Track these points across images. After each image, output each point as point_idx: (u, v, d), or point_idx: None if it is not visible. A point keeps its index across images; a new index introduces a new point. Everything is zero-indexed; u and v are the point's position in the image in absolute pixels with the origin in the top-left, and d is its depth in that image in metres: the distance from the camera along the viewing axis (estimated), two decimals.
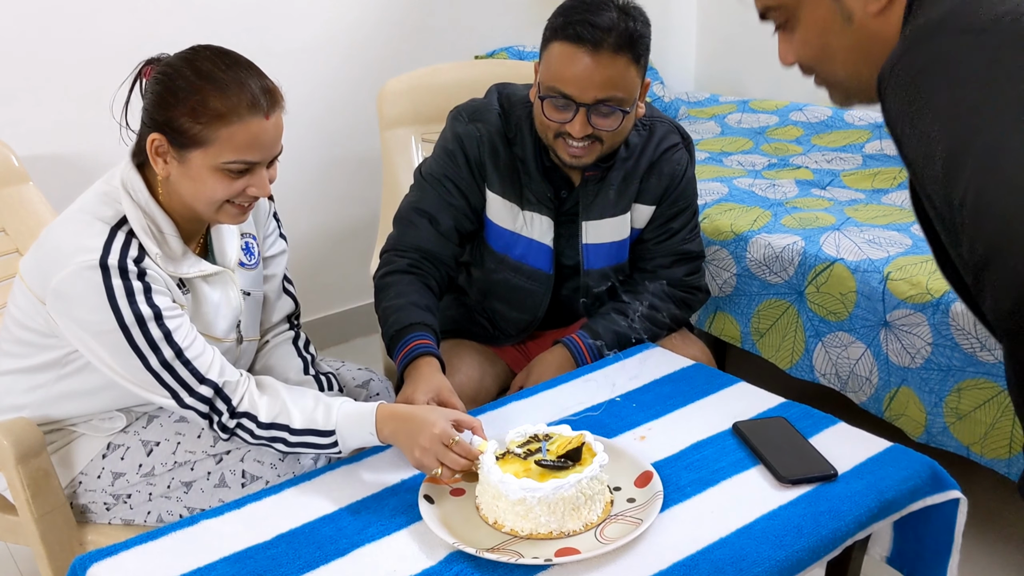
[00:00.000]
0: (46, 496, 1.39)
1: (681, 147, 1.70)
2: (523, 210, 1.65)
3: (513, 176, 1.63)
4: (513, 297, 1.72)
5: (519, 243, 1.67)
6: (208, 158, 1.30)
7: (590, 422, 1.39)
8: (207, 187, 1.32)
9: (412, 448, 1.24)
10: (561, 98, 1.49)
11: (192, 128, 1.28)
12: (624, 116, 1.52)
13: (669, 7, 3.52)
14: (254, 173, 1.34)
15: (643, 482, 1.21)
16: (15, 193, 1.81)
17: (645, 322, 1.67)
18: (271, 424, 1.35)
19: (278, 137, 1.35)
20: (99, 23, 2.28)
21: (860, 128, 2.88)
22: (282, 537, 1.15)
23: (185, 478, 1.42)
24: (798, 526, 1.14)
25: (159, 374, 1.32)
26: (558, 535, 1.12)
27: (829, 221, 2.23)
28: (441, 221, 1.63)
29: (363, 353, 2.87)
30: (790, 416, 1.38)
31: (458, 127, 1.65)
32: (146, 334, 1.30)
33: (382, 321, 1.55)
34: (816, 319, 2.08)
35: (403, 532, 1.15)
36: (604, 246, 1.69)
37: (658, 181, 1.67)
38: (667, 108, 3.24)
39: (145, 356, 1.30)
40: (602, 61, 1.45)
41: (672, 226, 1.71)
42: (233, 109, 1.28)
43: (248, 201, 1.37)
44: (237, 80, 1.29)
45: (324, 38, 2.75)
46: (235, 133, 1.28)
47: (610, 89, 1.47)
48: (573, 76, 1.46)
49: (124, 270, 1.28)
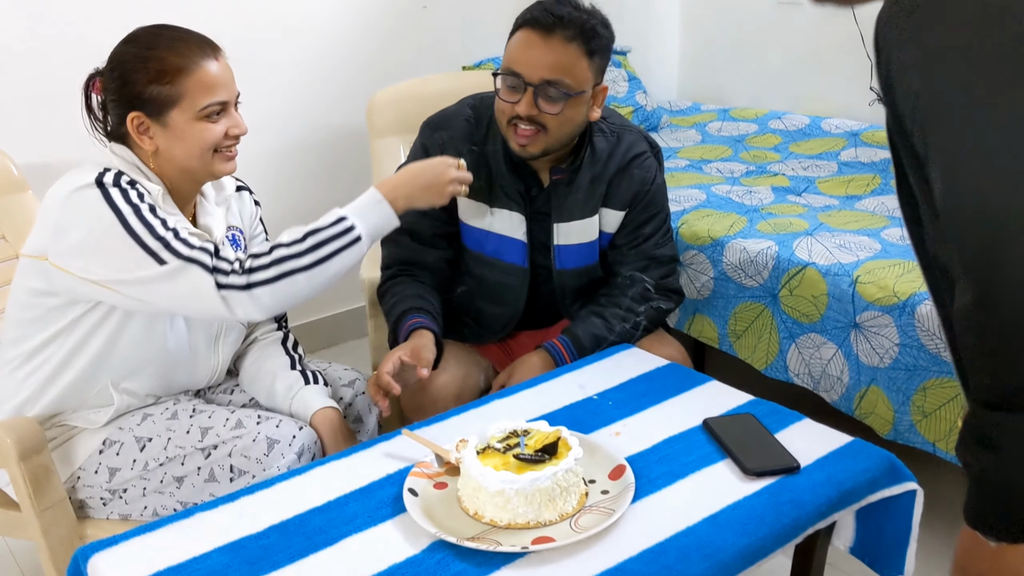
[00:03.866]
0: (47, 492, 1.44)
1: (650, 155, 1.78)
2: (492, 207, 1.73)
3: (480, 176, 1.70)
4: (492, 293, 1.79)
5: (490, 239, 1.75)
6: (185, 112, 1.43)
7: (568, 419, 1.45)
8: (195, 138, 1.44)
9: (431, 188, 1.49)
10: (512, 76, 1.59)
11: (162, 91, 1.41)
12: (569, 101, 1.59)
13: (652, 16, 3.59)
14: (228, 114, 1.48)
15: (616, 475, 1.28)
16: (15, 201, 1.86)
17: (623, 324, 1.74)
18: (272, 251, 1.39)
19: (232, 76, 1.49)
20: (98, 33, 2.32)
21: (836, 136, 2.96)
22: (274, 528, 1.20)
23: (177, 473, 1.48)
24: (761, 515, 1.21)
25: (153, 250, 1.36)
26: (535, 525, 1.18)
27: (803, 227, 2.30)
28: (420, 231, 1.74)
29: (353, 356, 2.93)
30: (758, 413, 1.45)
31: (424, 138, 1.75)
32: (142, 219, 1.37)
33: (388, 320, 1.72)
34: (790, 321, 2.15)
35: (388, 523, 1.21)
36: (574, 247, 1.76)
37: (628, 187, 1.75)
38: (649, 116, 3.31)
39: (140, 237, 1.36)
40: (553, 45, 1.56)
41: (644, 231, 1.78)
42: (190, 58, 1.42)
43: (232, 144, 1.49)
44: (178, 37, 1.44)
45: (314, 49, 2.81)
46: (200, 79, 1.42)
47: (558, 72, 1.56)
48: (525, 57, 1.57)
49: (118, 182, 1.39)
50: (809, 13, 3.21)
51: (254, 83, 2.68)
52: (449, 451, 1.31)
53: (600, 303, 1.77)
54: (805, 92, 3.28)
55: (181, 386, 1.62)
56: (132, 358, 1.51)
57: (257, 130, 2.70)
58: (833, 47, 3.16)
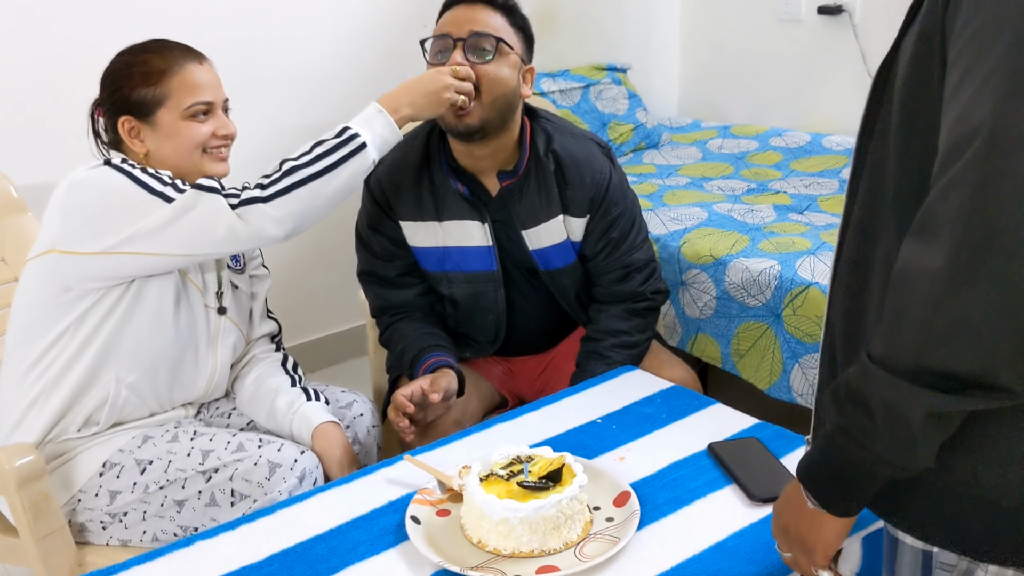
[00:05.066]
0: (46, 519, 1.43)
1: (599, 155, 1.73)
2: (441, 221, 1.69)
3: (424, 194, 1.69)
4: (469, 307, 1.76)
5: (448, 254, 1.72)
6: (172, 111, 1.49)
7: (571, 444, 1.44)
8: (184, 136, 1.50)
9: (430, 95, 1.51)
10: (440, 40, 1.61)
11: (148, 93, 1.49)
12: (499, 55, 1.59)
13: (652, 34, 3.60)
14: (215, 115, 1.54)
15: (621, 501, 1.27)
16: (14, 223, 1.85)
17: (621, 352, 1.71)
18: (280, 165, 1.46)
19: (219, 82, 1.55)
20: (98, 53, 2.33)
21: (837, 153, 2.96)
22: (275, 557, 1.19)
23: (177, 496, 1.47)
24: (768, 543, 1.19)
25: (163, 192, 1.43)
26: (539, 553, 1.17)
27: (805, 246, 2.29)
28: (385, 276, 1.75)
29: (353, 375, 2.92)
30: (763, 437, 1.44)
31: (367, 178, 1.67)
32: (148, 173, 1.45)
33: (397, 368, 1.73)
34: (793, 341, 2.14)
35: (391, 551, 1.20)
36: (549, 249, 1.72)
37: (582, 191, 1.69)
38: (650, 134, 3.31)
39: (149, 184, 1.43)
40: (476, 7, 1.60)
41: (612, 236, 1.72)
42: (174, 60, 1.50)
43: (221, 144, 1.54)
44: (161, 44, 1.53)
45: (314, 64, 2.82)
46: (184, 79, 1.50)
47: (484, 27, 1.59)
48: (451, 18, 1.61)
49: (125, 164, 1.46)
50: (809, 30, 3.22)
51: (254, 97, 2.68)
52: (452, 477, 1.30)
53: (593, 337, 1.74)
54: (806, 109, 3.29)
55: (180, 392, 1.60)
56: (138, 351, 1.51)
57: (257, 142, 2.71)
58: (833, 64, 3.16)
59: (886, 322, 0.79)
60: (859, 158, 0.95)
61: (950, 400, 0.75)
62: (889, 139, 0.88)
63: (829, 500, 0.89)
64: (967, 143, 0.71)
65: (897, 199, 0.86)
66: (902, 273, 0.77)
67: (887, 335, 0.79)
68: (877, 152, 0.91)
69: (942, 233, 0.72)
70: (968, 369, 0.73)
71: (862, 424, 0.81)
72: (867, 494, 0.87)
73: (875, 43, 3.01)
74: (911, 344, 0.76)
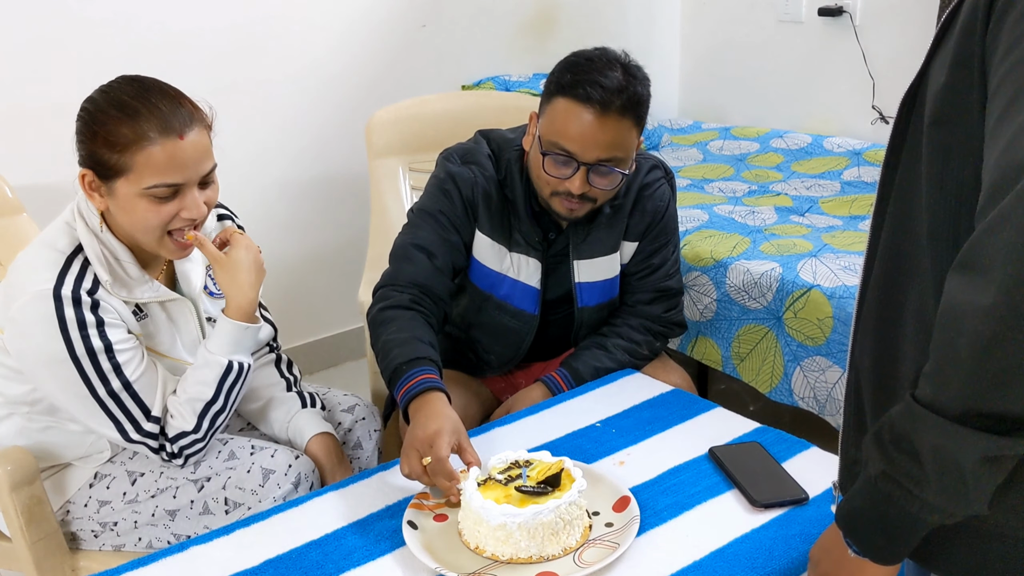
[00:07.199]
0: (39, 523, 1.42)
1: (663, 182, 1.73)
2: (511, 251, 1.67)
3: (503, 219, 1.66)
4: (497, 333, 1.74)
5: (504, 283, 1.69)
6: (131, 185, 1.32)
7: (570, 448, 1.42)
8: (139, 215, 1.34)
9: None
10: (563, 155, 1.51)
11: (111, 158, 1.31)
12: (621, 178, 1.56)
13: (652, 33, 3.59)
14: (183, 196, 1.35)
15: (621, 507, 1.25)
16: (9, 224, 1.84)
17: (625, 355, 1.71)
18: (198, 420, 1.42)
19: (200, 156, 1.35)
20: (94, 54, 2.33)
21: (839, 155, 2.94)
22: (270, 563, 1.18)
23: (169, 506, 1.45)
24: (770, 549, 1.18)
25: (107, 405, 1.37)
26: (538, 559, 1.15)
27: (806, 248, 2.28)
28: (438, 256, 1.62)
29: (351, 377, 2.90)
30: (764, 441, 1.42)
31: (451, 167, 1.65)
32: (96, 365, 1.34)
33: (382, 354, 1.50)
34: (794, 344, 2.13)
35: (387, 557, 1.18)
36: (597, 284, 1.71)
37: (641, 217, 1.70)
38: (650, 135, 3.30)
39: (94, 386, 1.35)
40: (608, 123, 1.48)
41: (653, 262, 1.74)
42: (143, 134, 1.30)
43: (185, 224, 1.37)
44: (146, 105, 1.32)
45: (313, 68, 2.80)
46: (151, 156, 1.30)
47: (612, 150, 1.50)
48: (579, 135, 1.49)
49: (77, 300, 1.32)
50: (810, 31, 3.20)
51: (253, 101, 2.68)
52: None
53: (603, 332, 1.74)
54: (806, 110, 3.27)
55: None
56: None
57: (256, 146, 2.71)
58: (834, 65, 3.15)
59: (934, 362, 0.76)
60: (883, 192, 0.91)
61: (1004, 443, 0.72)
62: (916, 171, 0.85)
63: (874, 549, 0.86)
64: (1016, 175, 0.68)
65: (932, 233, 0.83)
66: (950, 311, 0.73)
67: (935, 376, 0.75)
68: (904, 185, 0.88)
69: (992, 270, 0.69)
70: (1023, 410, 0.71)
71: (909, 470, 0.78)
72: (914, 541, 0.84)
73: (876, 44, 3.00)
74: (962, 386, 0.72)
